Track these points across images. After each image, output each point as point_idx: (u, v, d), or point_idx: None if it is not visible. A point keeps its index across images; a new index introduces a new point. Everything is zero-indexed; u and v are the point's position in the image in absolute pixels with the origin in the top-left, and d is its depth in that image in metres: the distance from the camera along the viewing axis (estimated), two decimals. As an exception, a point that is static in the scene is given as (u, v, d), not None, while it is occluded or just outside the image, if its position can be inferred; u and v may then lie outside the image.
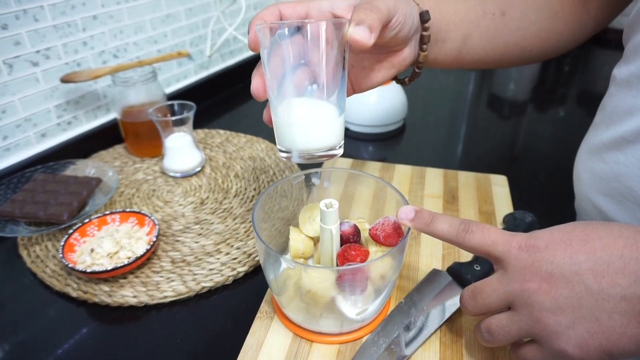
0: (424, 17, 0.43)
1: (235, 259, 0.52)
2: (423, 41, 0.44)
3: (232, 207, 0.61)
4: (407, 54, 0.44)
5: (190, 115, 0.66)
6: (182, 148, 0.67)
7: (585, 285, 0.29)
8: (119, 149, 0.75)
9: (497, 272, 0.34)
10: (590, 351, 0.29)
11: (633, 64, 0.39)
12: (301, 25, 0.34)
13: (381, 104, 0.79)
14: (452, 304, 0.42)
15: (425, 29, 0.43)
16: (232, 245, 0.54)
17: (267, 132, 0.80)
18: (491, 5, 0.50)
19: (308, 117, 0.37)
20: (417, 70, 0.47)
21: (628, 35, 0.42)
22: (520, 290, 0.31)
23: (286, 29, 0.34)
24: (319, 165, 0.67)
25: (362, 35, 0.33)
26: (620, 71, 0.42)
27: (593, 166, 0.44)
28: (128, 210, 0.56)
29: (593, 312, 0.29)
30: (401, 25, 0.39)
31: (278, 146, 0.39)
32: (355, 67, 0.44)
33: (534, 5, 0.50)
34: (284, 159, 0.39)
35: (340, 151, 0.39)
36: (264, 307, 0.45)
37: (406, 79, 0.50)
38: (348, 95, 0.45)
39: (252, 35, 0.35)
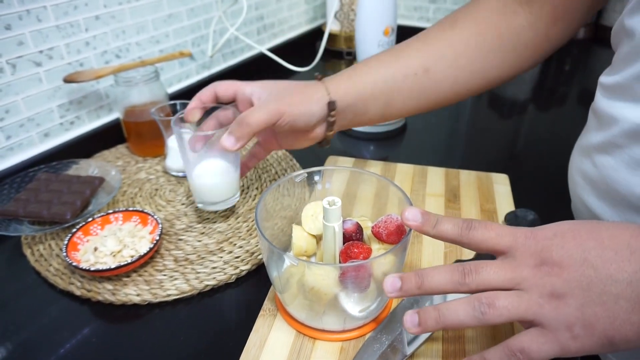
0: (331, 106, 0.49)
1: (238, 257, 0.52)
2: (329, 127, 0.51)
3: (234, 206, 0.61)
4: (318, 132, 0.52)
5: None
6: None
7: (595, 270, 0.30)
8: (121, 148, 0.76)
9: (503, 258, 0.33)
10: (594, 335, 0.29)
11: (618, 74, 0.40)
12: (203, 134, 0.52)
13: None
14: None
15: (331, 116, 0.50)
16: (235, 244, 0.54)
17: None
18: (413, 64, 0.51)
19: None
20: (324, 144, 0.54)
21: (614, 45, 0.43)
22: (531, 274, 0.31)
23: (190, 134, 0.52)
24: (321, 163, 0.67)
25: (227, 143, 0.47)
26: (606, 79, 0.42)
27: (584, 168, 0.44)
28: (131, 209, 0.56)
29: (601, 296, 0.29)
30: (291, 123, 0.48)
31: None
32: (279, 135, 0.54)
33: (465, 51, 0.51)
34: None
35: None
36: (267, 305, 0.45)
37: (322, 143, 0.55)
38: (275, 149, 0.57)
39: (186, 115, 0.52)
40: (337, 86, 0.50)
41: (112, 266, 0.47)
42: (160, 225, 0.53)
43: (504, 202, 0.59)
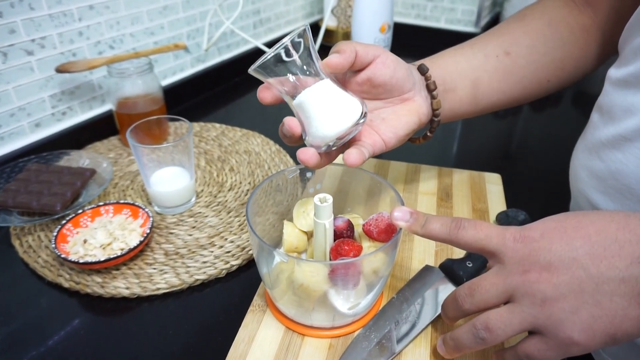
0: (423, 69, 0.46)
1: (229, 252, 0.52)
2: (430, 88, 0.47)
3: (226, 201, 0.61)
4: (420, 102, 0.46)
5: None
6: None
7: (585, 270, 0.29)
8: (113, 140, 0.75)
9: (494, 267, 0.33)
10: (595, 336, 0.29)
11: (632, 65, 0.39)
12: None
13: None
14: (444, 299, 0.43)
15: (427, 78, 0.46)
16: (226, 239, 0.54)
17: (262, 127, 0.79)
18: (492, 48, 0.51)
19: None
20: (435, 119, 0.49)
21: (626, 39, 0.43)
22: (520, 281, 0.31)
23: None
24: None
25: (332, 59, 0.39)
26: (617, 71, 0.42)
27: (590, 164, 0.44)
28: (122, 201, 0.56)
29: (594, 296, 0.29)
30: (395, 65, 0.42)
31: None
32: (374, 121, 0.45)
33: (541, 38, 0.51)
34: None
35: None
36: (256, 300, 0.45)
37: (427, 133, 0.52)
38: (380, 152, 0.45)
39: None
40: (420, 62, 0.48)
41: (102, 259, 0.47)
42: (151, 219, 0.53)
43: (496, 201, 0.59)
